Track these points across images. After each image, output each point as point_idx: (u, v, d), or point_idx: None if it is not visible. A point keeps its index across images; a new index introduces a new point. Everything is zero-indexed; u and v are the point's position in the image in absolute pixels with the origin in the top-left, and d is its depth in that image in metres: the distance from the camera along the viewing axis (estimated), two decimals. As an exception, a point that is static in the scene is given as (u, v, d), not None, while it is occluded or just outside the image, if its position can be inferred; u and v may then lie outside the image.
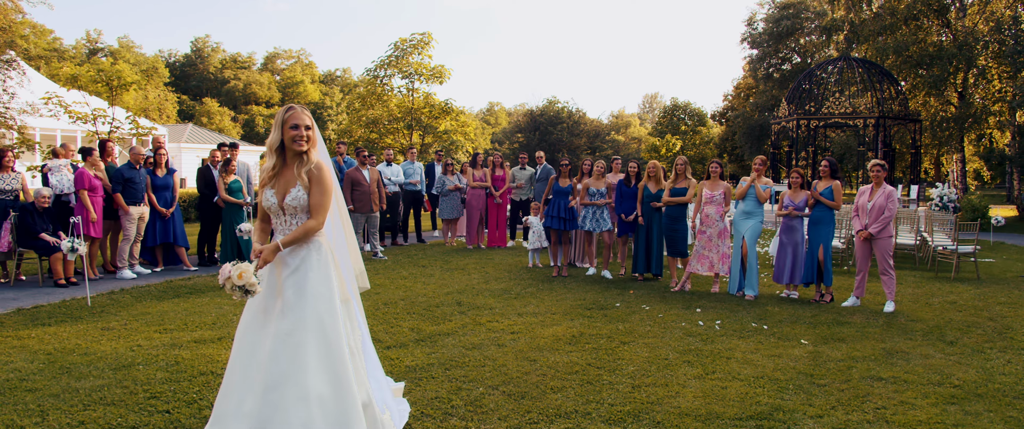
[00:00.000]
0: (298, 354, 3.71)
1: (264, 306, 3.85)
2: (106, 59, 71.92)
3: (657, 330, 7.07)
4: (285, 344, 3.72)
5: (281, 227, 3.94)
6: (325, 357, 3.77)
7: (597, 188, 10.44)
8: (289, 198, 3.88)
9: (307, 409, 3.67)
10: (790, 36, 43.86)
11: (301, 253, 3.88)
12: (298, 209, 3.89)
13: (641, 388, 5.18)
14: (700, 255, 9.51)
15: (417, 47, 29.02)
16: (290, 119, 3.91)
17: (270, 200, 3.92)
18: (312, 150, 3.95)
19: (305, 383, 3.68)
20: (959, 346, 6.63)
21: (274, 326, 3.77)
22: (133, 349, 6.07)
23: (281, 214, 3.93)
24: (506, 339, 6.61)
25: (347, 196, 12.11)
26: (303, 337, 3.74)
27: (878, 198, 8.38)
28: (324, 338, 3.78)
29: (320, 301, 3.83)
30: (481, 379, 5.34)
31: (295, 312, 3.77)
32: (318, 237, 3.94)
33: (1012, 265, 12.52)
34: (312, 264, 3.88)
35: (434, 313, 7.78)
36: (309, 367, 3.71)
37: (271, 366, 3.70)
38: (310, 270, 3.86)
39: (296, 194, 3.88)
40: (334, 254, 4.03)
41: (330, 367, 3.76)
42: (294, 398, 3.68)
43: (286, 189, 3.91)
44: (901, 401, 5.01)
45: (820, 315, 7.97)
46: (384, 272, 10.75)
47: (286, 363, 3.70)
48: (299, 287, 3.84)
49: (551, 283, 9.92)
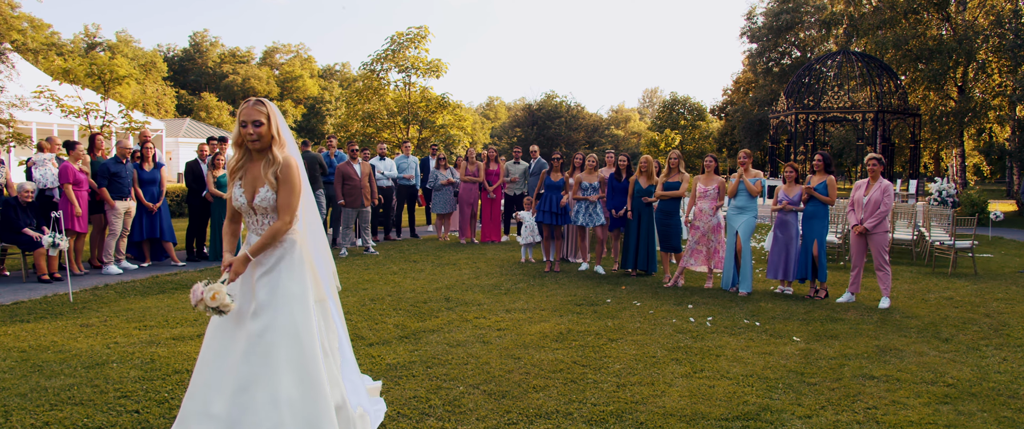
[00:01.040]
0: (269, 356, 3.59)
1: (237, 306, 3.72)
2: (104, 53, 71.81)
3: (647, 327, 6.94)
4: (256, 345, 3.60)
5: (254, 226, 3.82)
6: (297, 360, 3.64)
7: (590, 182, 10.30)
8: (258, 199, 3.76)
9: (277, 412, 3.55)
10: (789, 30, 43.65)
11: (276, 253, 3.76)
12: (269, 209, 3.77)
13: (626, 387, 5.05)
14: (693, 250, 9.37)
15: (413, 41, 28.82)
16: (240, 115, 3.78)
17: (239, 199, 3.80)
18: (276, 148, 3.79)
19: (276, 386, 3.56)
20: (954, 343, 6.50)
21: (246, 327, 3.65)
22: (109, 346, 5.94)
23: (252, 214, 3.80)
24: (492, 336, 6.48)
25: (338, 190, 11.99)
26: (275, 338, 3.62)
27: (874, 193, 8.24)
28: (297, 340, 3.65)
29: (293, 302, 3.71)
30: (462, 378, 5.21)
31: (268, 313, 3.65)
32: (292, 235, 3.81)
33: (1010, 261, 12.39)
34: (285, 264, 3.76)
35: (421, 309, 7.65)
36: (280, 369, 3.59)
37: (242, 367, 3.58)
38: (283, 270, 3.74)
39: (265, 194, 3.75)
40: (308, 253, 3.90)
41: (302, 370, 3.64)
42: (264, 401, 3.55)
43: (255, 188, 3.78)
44: (893, 400, 4.87)
45: (814, 311, 7.84)
46: (374, 267, 10.62)
47: (257, 365, 3.58)
48: (272, 287, 3.71)
49: (542, 279, 9.78)
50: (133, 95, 64.98)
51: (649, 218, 9.99)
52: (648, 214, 9.99)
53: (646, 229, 10.00)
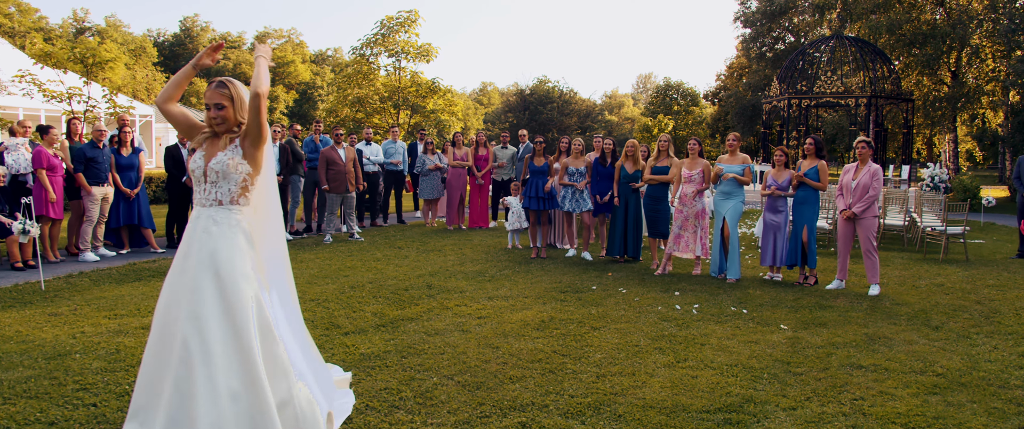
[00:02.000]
0: (207, 345, 3.38)
1: (180, 288, 3.51)
2: (93, 38, 71.09)
3: (631, 315, 6.78)
4: (196, 333, 3.39)
5: (202, 197, 3.62)
6: (238, 351, 3.43)
7: (576, 167, 10.10)
8: (214, 162, 3.59)
9: (217, 406, 3.34)
10: (783, 15, 43.30)
11: (226, 235, 3.57)
12: (223, 175, 3.59)
13: (606, 378, 4.89)
14: (677, 236, 9.19)
15: (404, 25, 28.49)
16: (204, 98, 3.67)
17: (197, 161, 3.63)
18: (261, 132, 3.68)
19: (215, 378, 3.36)
20: (944, 331, 6.36)
21: (185, 311, 3.44)
22: (75, 336, 5.75)
23: (203, 181, 3.61)
24: (471, 324, 6.31)
25: (322, 175, 11.79)
26: (213, 325, 3.41)
27: (862, 177, 8.08)
28: (236, 330, 3.44)
29: (237, 290, 3.50)
30: (437, 368, 5.04)
31: (209, 299, 3.45)
32: (241, 219, 3.63)
33: (1002, 247, 12.27)
34: (231, 249, 3.55)
35: (401, 297, 7.47)
36: (218, 362, 3.37)
37: (183, 355, 3.37)
38: (226, 255, 3.53)
39: (222, 158, 3.61)
40: (256, 238, 3.72)
41: (243, 362, 3.43)
42: (203, 394, 3.35)
43: (213, 153, 3.62)
44: (880, 391, 4.72)
45: (802, 298, 7.69)
46: (358, 254, 10.43)
47: (197, 355, 3.37)
48: (215, 272, 3.51)
49: (528, 265, 9.61)
50: (122, 80, 64.44)
51: (636, 204, 9.82)
52: (635, 200, 9.81)
53: (633, 215, 9.82)
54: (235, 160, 3.62)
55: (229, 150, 3.62)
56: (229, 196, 3.65)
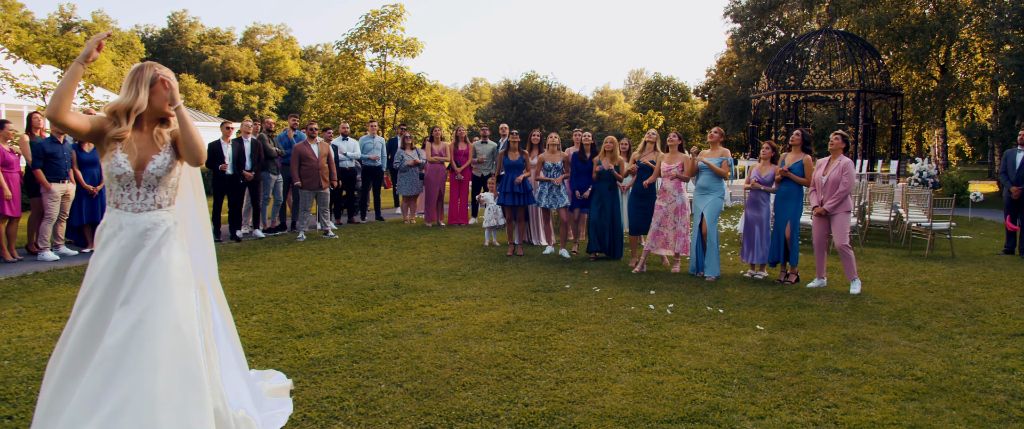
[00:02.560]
0: (145, 352, 3.10)
1: (108, 294, 3.22)
2: (80, 34, 70.37)
3: (602, 315, 6.50)
4: (132, 339, 3.11)
5: (129, 201, 3.32)
6: (179, 356, 3.17)
7: (553, 162, 9.82)
8: (153, 166, 3.32)
9: (153, 416, 3.07)
10: (773, 9, 43.08)
11: (156, 235, 3.30)
12: (160, 179, 3.33)
13: (565, 384, 4.61)
14: (656, 233, 8.90)
15: (389, 19, 28.12)
16: (163, 74, 3.40)
17: (122, 167, 3.31)
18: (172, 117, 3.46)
19: (153, 387, 3.08)
20: (926, 331, 6.10)
21: (117, 317, 3.16)
22: (11, 341, 5.44)
23: (133, 186, 3.33)
24: (433, 326, 6.02)
25: (294, 171, 11.47)
26: (153, 332, 3.14)
27: (832, 172, 7.79)
28: (179, 335, 3.18)
29: (175, 293, 3.24)
30: (388, 374, 4.75)
31: (143, 303, 3.17)
32: (172, 213, 3.39)
33: (989, 242, 12.05)
34: (166, 245, 3.29)
35: (365, 297, 7.18)
36: (158, 367, 3.10)
37: (109, 366, 3.08)
38: (163, 252, 3.27)
39: (161, 162, 3.33)
40: (185, 236, 3.45)
41: (183, 368, 3.17)
42: (141, 403, 3.07)
43: (147, 155, 3.33)
44: (855, 397, 4.46)
45: (782, 297, 7.43)
46: (329, 252, 10.13)
47: (130, 363, 3.09)
48: (152, 275, 3.24)
49: (503, 263, 9.32)
50: (109, 77, 63.83)
51: (612, 201, 9.54)
52: (611, 197, 9.53)
53: (609, 212, 9.54)
54: (171, 161, 3.40)
55: (164, 151, 3.39)
56: (167, 199, 3.43)
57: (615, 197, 9.55)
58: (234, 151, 11.17)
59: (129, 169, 3.31)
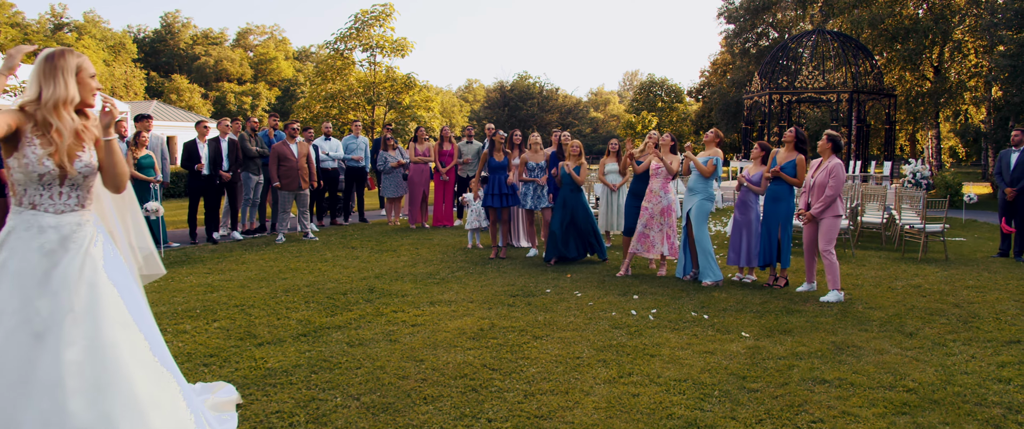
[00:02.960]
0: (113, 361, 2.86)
1: (28, 303, 2.92)
2: (71, 34, 69.86)
3: (580, 321, 6.22)
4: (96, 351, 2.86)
5: (51, 203, 3.04)
6: (142, 353, 2.95)
7: (536, 162, 9.54)
8: (80, 164, 3.05)
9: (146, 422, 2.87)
10: (767, 10, 42.95)
11: (83, 235, 3.04)
12: (87, 178, 3.08)
13: (534, 396, 4.32)
14: (641, 235, 8.60)
15: (378, 19, 27.87)
16: (88, 66, 3.15)
17: (45, 165, 3.01)
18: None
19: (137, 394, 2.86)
20: (919, 338, 5.84)
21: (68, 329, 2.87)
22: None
23: (55, 185, 3.05)
24: (403, 333, 5.73)
25: (273, 172, 11.17)
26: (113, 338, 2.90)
27: (820, 174, 7.47)
28: (133, 331, 2.96)
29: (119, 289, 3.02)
30: (346, 385, 4.46)
31: (91, 308, 2.91)
32: (93, 215, 3.13)
33: (983, 245, 11.81)
34: (97, 246, 3.04)
35: (336, 302, 6.89)
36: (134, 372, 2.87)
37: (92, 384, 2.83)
38: (96, 254, 3.03)
39: (89, 160, 3.07)
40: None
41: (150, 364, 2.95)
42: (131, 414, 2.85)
43: (72, 153, 3.06)
44: (843, 411, 4.19)
45: (770, 302, 7.16)
46: (306, 254, 9.84)
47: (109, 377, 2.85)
48: (88, 277, 2.98)
49: (484, 266, 9.04)
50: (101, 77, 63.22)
51: (576, 203, 9.16)
52: (575, 199, 9.16)
53: (579, 215, 9.15)
54: (95, 159, 3.17)
55: (89, 149, 3.15)
56: (88, 198, 3.20)
57: (579, 199, 9.18)
58: (210, 151, 10.87)
59: (53, 167, 3.03)
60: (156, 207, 9.49)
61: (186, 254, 9.84)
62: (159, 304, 6.70)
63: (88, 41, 66.44)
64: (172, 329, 5.81)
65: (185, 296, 7.09)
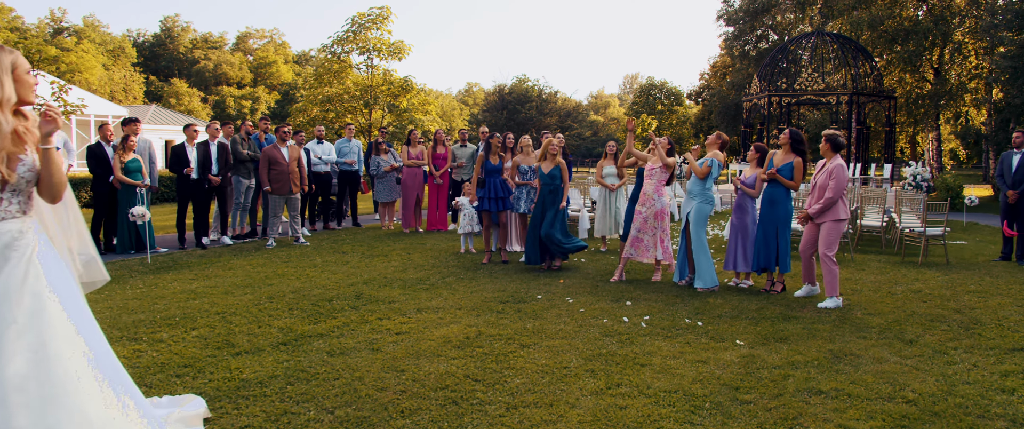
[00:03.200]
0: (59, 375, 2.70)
1: None
2: (70, 38, 69.76)
3: (570, 329, 6.04)
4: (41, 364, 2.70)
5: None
6: (94, 381, 2.77)
7: (529, 165, 9.36)
8: (23, 169, 2.88)
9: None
10: (766, 12, 42.79)
11: (25, 242, 2.86)
12: (28, 183, 2.91)
13: (517, 409, 4.14)
14: (635, 239, 8.42)
15: (375, 22, 27.70)
16: (23, 62, 2.98)
17: None
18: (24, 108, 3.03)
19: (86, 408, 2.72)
20: (919, 346, 5.65)
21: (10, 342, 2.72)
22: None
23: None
24: (386, 342, 5.55)
25: (263, 176, 11.00)
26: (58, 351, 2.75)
27: (820, 175, 7.28)
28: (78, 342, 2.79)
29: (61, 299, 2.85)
30: (321, 398, 4.28)
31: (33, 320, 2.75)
32: (32, 221, 2.96)
33: (984, 248, 11.63)
34: (39, 253, 2.88)
35: (321, 309, 6.71)
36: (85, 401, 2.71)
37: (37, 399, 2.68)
38: (37, 262, 2.86)
39: (31, 164, 2.90)
40: None
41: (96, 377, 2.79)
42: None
43: (13, 156, 2.89)
44: (840, 424, 4.00)
45: (767, 308, 6.97)
46: (295, 260, 9.66)
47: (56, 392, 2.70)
48: (31, 287, 2.81)
49: (475, 272, 8.86)
50: (100, 82, 62.97)
51: (552, 204, 8.95)
52: (552, 199, 8.94)
53: (552, 219, 8.92)
54: (37, 162, 2.99)
55: (31, 151, 2.97)
56: (28, 203, 3.03)
57: (554, 199, 8.96)
58: (199, 155, 10.71)
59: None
60: (142, 212, 9.32)
61: (173, 259, 9.67)
62: (139, 312, 6.52)
63: (87, 45, 66.31)
64: (149, 338, 5.63)
65: (166, 303, 6.92)
